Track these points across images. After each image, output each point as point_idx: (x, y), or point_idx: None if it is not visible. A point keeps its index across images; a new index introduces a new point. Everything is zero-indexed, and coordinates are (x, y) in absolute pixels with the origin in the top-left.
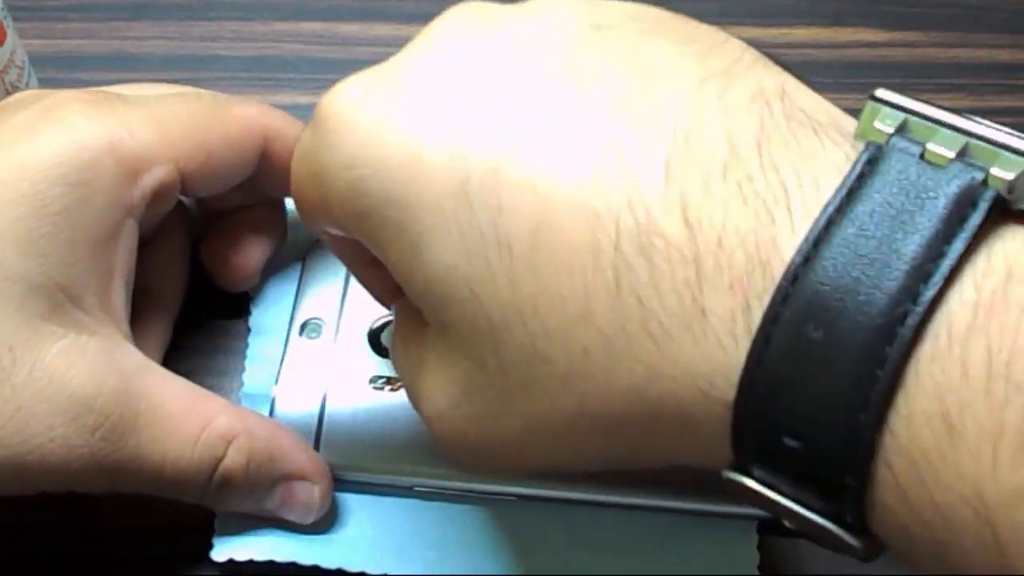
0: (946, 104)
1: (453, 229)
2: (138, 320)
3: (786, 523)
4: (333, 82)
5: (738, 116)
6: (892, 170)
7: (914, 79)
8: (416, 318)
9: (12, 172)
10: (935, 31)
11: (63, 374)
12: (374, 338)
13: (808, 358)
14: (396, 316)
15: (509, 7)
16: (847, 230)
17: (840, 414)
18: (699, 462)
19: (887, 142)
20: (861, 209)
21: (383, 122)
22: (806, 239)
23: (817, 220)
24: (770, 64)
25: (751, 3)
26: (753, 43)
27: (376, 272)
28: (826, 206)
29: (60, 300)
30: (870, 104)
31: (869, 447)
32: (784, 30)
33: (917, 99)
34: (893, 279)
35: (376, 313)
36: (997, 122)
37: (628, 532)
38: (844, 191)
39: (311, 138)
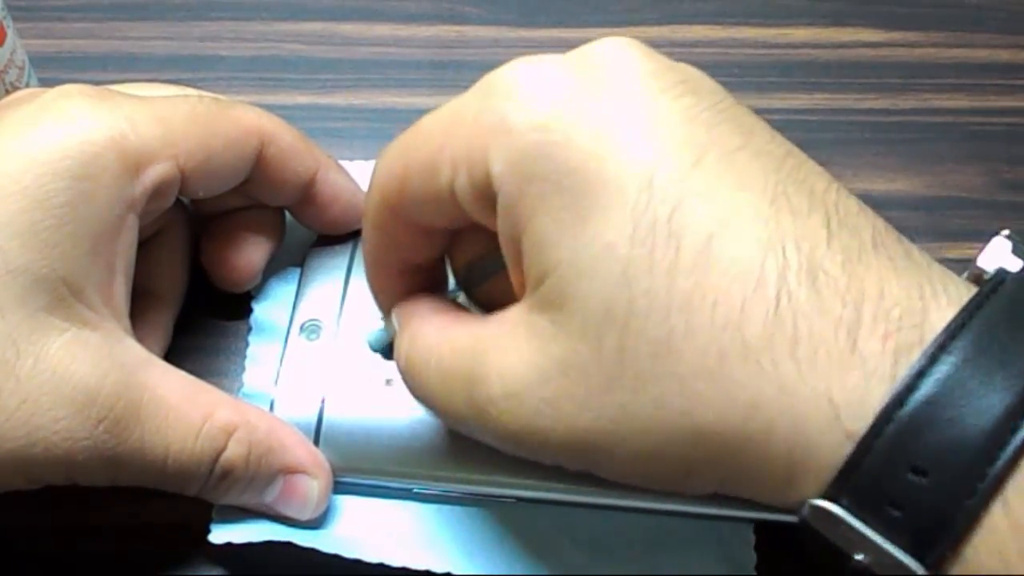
0: (946, 104)
1: (628, 211)
2: (138, 320)
3: (856, 557)
4: (333, 82)
5: (869, 215)
6: (1015, 288)
7: (914, 79)
8: (456, 309)
9: (15, 164)
10: (935, 31)
11: (67, 367)
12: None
13: (949, 412)
14: (416, 310)
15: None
16: (985, 318)
17: (971, 463)
18: (761, 491)
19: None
20: (996, 304)
21: (578, 96)
22: (958, 314)
23: (966, 305)
24: None
25: (751, 3)
26: (753, 43)
27: (400, 276)
28: (974, 297)
29: (63, 294)
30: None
31: (992, 490)
32: (784, 30)
33: None
34: None
35: (376, 315)
36: (997, 122)
37: (626, 533)
38: (987, 290)
39: (482, 96)
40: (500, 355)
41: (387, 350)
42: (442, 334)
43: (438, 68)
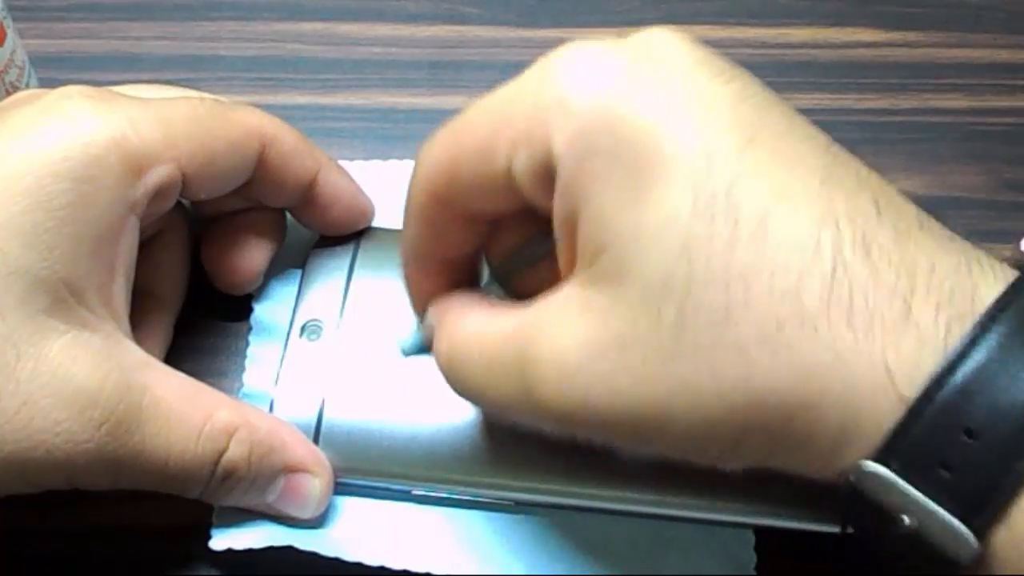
0: (946, 104)
1: (689, 184)
2: (138, 321)
3: (903, 521)
4: (333, 82)
5: (910, 201)
6: None
7: (914, 79)
8: (493, 301)
9: (17, 166)
10: (935, 31)
11: (67, 369)
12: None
13: (999, 380)
14: (453, 304)
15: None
16: None
17: (1021, 427)
18: (809, 460)
19: None
20: None
21: (634, 77)
22: (1007, 289)
23: (1015, 281)
24: None
25: (751, 3)
26: (753, 43)
27: (438, 271)
28: (1022, 274)
29: (63, 295)
30: None
31: None
32: (784, 30)
33: None
34: None
35: (378, 317)
36: (997, 122)
37: (626, 534)
38: None
39: (539, 78)
40: (551, 335)
41: (421, 354)
42: (484, 324)
43: (438, 68)
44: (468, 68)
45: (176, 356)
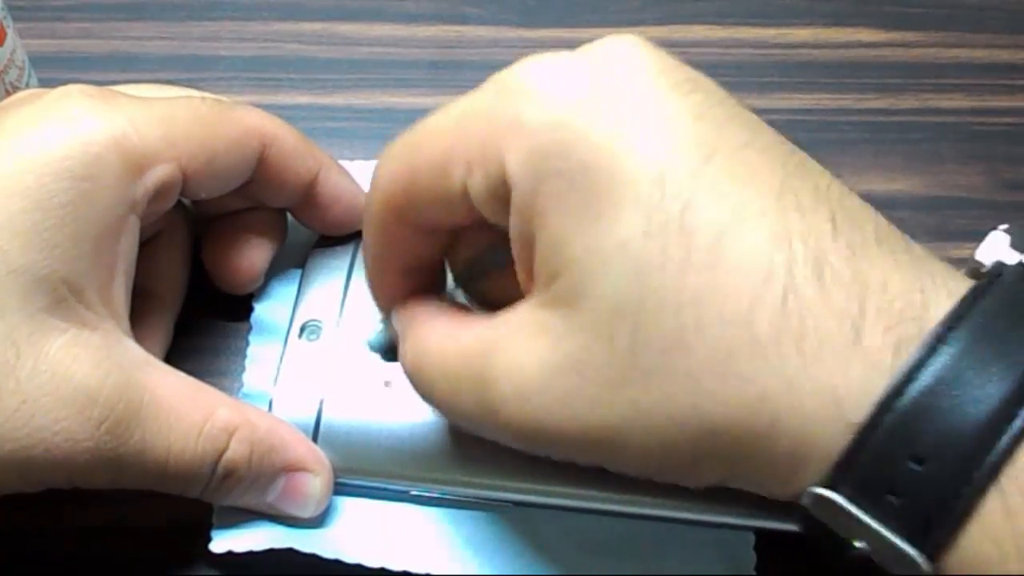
0: (946, 104)
1: (642, 209)
2: (139, 321)
3: (856, 545)
4: (333, 82)
5: (871, 211)
6: (1012, 281)
7: (914, 79)
8: (458, 310)
9: (17, 165)
10: (935, 31)
11: (67, 367)
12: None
13: (947, 402)
14: (419, 312)
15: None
16: (983, 311)
17: (968, 452)
18: (765, 483)
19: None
20: (994, 296)
21: (591, 94)
22: (956, 307)
23: (964, 297)
24: None
25: (751, 3)
26: (753, 43)
27: (401, 277)
28: (972, 290)
29: (63, 294)
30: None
31: (988, 478)
32: (784, 30)
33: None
34: None
35: (377, 317)
36: (997, 122)
37: (625, 534)
38: (985, 283)
39: (495, 95)
40: (509, 355)
41: (387, 351)
42: (447, 337)
43: (438, 68)
44: (468, 68)
45: (176, 356)
